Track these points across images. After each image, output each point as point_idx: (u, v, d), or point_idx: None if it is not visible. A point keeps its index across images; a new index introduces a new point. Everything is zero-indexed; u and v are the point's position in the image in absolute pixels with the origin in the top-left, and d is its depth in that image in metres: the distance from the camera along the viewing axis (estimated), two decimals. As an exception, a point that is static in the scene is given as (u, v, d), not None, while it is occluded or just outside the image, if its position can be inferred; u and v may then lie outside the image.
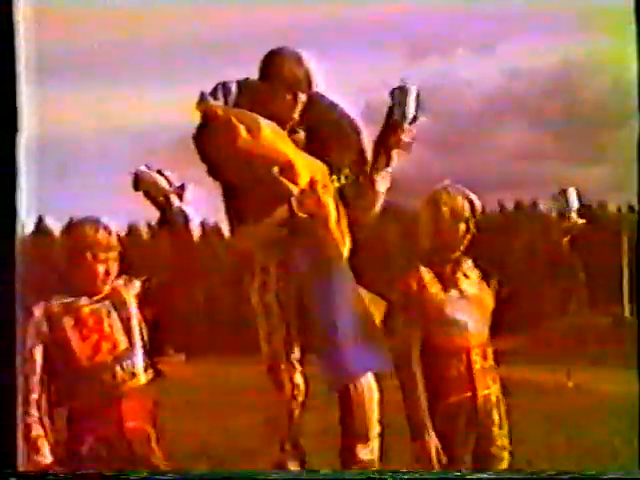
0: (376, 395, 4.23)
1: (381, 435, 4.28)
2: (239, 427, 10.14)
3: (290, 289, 4.20)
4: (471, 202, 4.14)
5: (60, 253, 3.97)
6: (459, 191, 4.14)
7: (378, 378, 4.28)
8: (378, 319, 4.17)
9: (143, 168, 3.96)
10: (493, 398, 4.14)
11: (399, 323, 4.11)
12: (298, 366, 4.20)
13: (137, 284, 3.98)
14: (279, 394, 4.17)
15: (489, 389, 4.13)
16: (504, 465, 4.17)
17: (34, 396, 3.77)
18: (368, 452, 4.22)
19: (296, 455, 4.19)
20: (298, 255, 4.17)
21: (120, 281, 3.96)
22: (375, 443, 4.24)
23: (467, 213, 4.11)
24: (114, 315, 3.88)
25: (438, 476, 4.01)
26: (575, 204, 4.39)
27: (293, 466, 4.18)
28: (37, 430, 3.76)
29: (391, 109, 4.18)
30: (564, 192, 4.38)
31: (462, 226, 4.12)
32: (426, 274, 4.11)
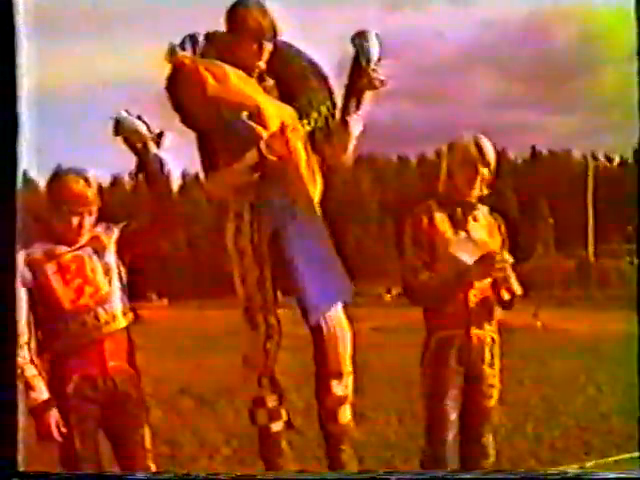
0: (348, 333, 4.36)
1: (358, 372, 4.44)
2: (219, 367, 10.31)
3: (263, 232, 4.30)
4: (484, 151, 4.27)
5: (43, 202, 4.02)
6: (475, 140, 4.28)
7: (354, 319, 4.44)
8: None
9: (123, 114, 4.06)
10: (487, 338, 4.31)
11: (410, 254, 4.28)
12: (272, 307, 4.32)
13: (116, 230, 4.05)
14: (254, 334, 4.30)
15: (483, 329, 4.30)
16: (492, 403, 4.36)
17: (24, 339, 3.86)
18: (342, 387, 4.36)
19: (274, 390, 4.32)
20: (269, 198, 4.28)
21: (99, 228, 4.03)
22: (349, 379, 4.38)
23: (479, 161, 4.26)
24: (95, 260, 3.97)
25: (444, 477, 4.19)
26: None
27: (271, 402, 4.34)
28: (30, 370, 3.85)
29: (355, 55, 4.25)
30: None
31: (473, 172, 4.27)
32: (437, 212, 4.28)
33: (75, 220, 3.93)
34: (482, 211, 4.36)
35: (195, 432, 7.38)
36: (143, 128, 4.05)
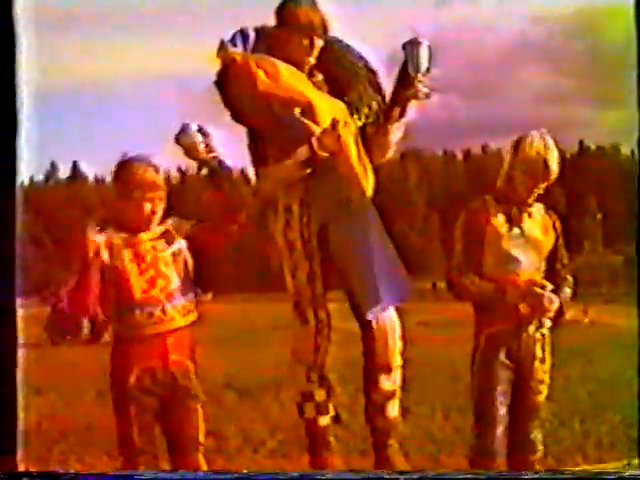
0: (398, 328, 4.39)
1: (403, 367, 4.45)
2: (265, 361, 10.37)
3: (312, 227, 4.33)
4: (549, 168, 4.21)
5: (112, 189, 4.06)
6: (543, 154, 4.21)
7: (400, 313, 4.45)
8: None
9: (189, 126, 4.07)
10: (538, 334, 4.30)
11: (458, 249, 4.29)
12: (322, 301, 4.35)
13: (187, 226, 4.08)
14: (304, 328, 4.33)
15: (533, 325, 4.29)
16: (541, 398, 4.36)
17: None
18: (391, 382, 4.39)
19: (322, 384, 4.35)
20: (320, 193, 4.31)
21: (171, 222, 4.06)
22: (397, 374, 4.41)
23: (542, 176, 4.22)
24: (168, 255, 4.00)
25: (449, 476, 4.20)
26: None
27: (319, 396, 4.37)
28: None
29: (404, 63, 4.23)
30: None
31: (534, 184, 4.24)
32: (492, 207, 4.27)
33: (148, 206, 3.96)
34: (537, 208, 4.34)
35: (240, 425, 7.43)
36: (202, 146, 4.05)
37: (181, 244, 4.05)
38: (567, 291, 4.37)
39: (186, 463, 4.00)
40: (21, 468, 3.88)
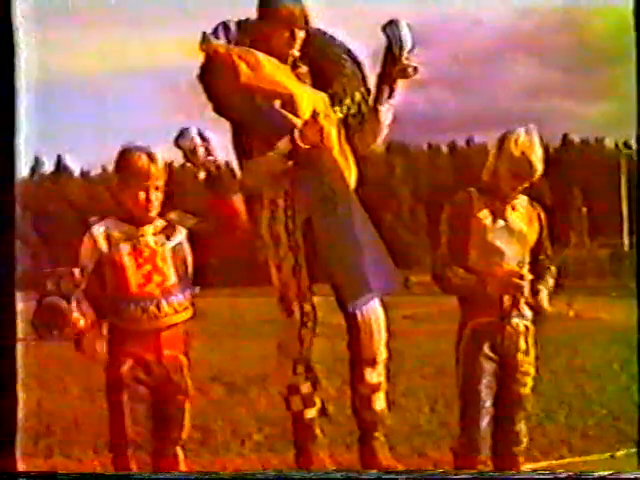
0: (382, 321, 4.40)
1: (389, 359, 4.46)
2: (252, 354, 10.36)
3: (297, 220, 4.34)
4: (533, 167, 4.23)
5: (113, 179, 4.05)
6: (527, 154, 4.22)
7: (386, 306, 4.45)
8: None
9: (189, 130, 4.04)
10: (522, 327, 4.31)
11: (444, 242, 4.30)
12: (307, 294, 4.36)
13: (191, 221, 4.06)
14: (290, 321, 4.34)
15: (521, 318, 4.31)
16: (527, 390, 4.36)
17: (82, 301, 3.91)
18: (376, 375, 4.40)
19: (308, 377, 4.37)
20: (304, 186, 4.32)
21: (174, 215, 4.06)
22: (383, 366, 4.42)
23: (527, 175, 4.24)
24: (167, 250, 3.99)
25: (450, 476, 4.21)
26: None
27: (305, 389, 4.37)
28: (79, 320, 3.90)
29: (388, 44, 4.27)
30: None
31: (519, 182, 4.26)
32: (477, 200, 4.28)
33: (142, 194, 3.94)
34: (521, 200, 4.34)
35: (227, 418, 7.42)
36: (201, 150, 4.01)
37: (182, 239, 4.03)
38: (550, 281, 4.39)
39: (164, 458, 3.99)
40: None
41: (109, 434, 3.97)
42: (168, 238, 4.01)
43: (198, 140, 4.02)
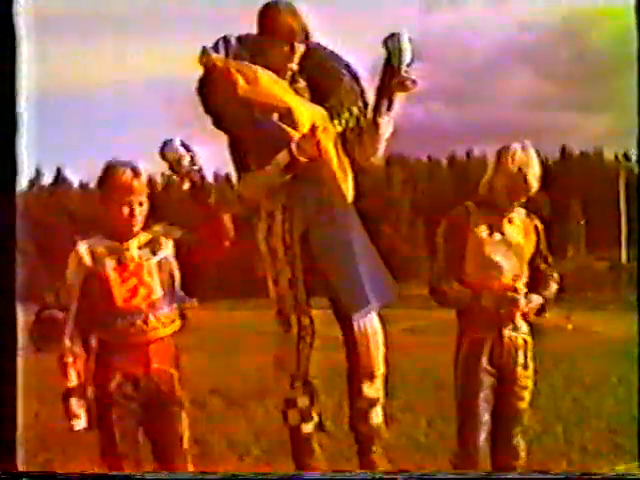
0: (380, 334, 4.38)
1: (387, 373, 4.45)
2: (250, 367, 10.38)
3: (295, 233, 4.33)
4: (529, 183, 4.21)
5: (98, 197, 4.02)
6: (523, 157, 4.21)
7: (384, 320, 4.45)
8: None
9: (172, 141, 4.01)
10: (520, 340, 4.30)
11: (440, 256, 4.30)
12: (305, 308, 4.34)
13: (176, 234, 4.04)
14: (287, 335, 4.32)
15: (517, 331, 4.29)
16: (524, 404, 4.35)
17: (70, 326, 3.91)
18: (374, 389, 4.39)
19: (306, 391, 4.34)
20: (302, 199, 4.31)
21: (159, 228, 4.04)
22: (380, 381, 4.40)
23: (523, 191, 4.23)
24: (153, 264, 3.97)
25: (448, 476, 4.19)
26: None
27: (303, 403, 4.35)
28: (68, 357, 3.90)
29: (387, 57, 4.26)
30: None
31: (515, 197, 4.25)
32: (474, 214, 4.27)
33: (125, 210, 3.92)
34: (518, 213, 4.35)
35: (224, 432, 7.41)
36: (186, 160, 3.98)
37: (168, 253, 4.01)
38: (554, 286, 4.38)
39: (171, 470, 3.99)
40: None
41: (100, 448, 3.97)
42: (153, 251, 4.00)
43: (182, 150, 4.01)
